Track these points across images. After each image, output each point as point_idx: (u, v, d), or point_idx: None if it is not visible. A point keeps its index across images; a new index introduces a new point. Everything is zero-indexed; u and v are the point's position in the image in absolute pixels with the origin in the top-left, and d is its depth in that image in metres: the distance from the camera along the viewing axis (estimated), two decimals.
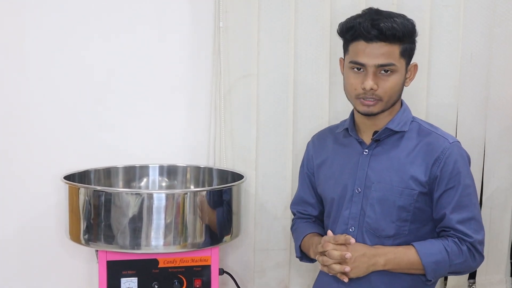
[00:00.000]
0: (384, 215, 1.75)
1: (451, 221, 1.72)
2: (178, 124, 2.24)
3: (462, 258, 1.72)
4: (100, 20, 2.16)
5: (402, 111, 1.82)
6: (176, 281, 1.87)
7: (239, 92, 2.18)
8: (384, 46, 1.68)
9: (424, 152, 1.75)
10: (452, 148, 1.74)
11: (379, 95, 1.71)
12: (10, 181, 2.14)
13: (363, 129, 1.83)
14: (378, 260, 1.71)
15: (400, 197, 1.74)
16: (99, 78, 2.18)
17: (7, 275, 2.17)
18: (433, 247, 1.71)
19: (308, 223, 1.99)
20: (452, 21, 2.25)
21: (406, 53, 1.74)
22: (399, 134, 1.79)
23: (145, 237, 1.79)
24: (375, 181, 1.77)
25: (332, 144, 1.92)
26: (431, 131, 1.80)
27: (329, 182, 1.88)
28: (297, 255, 1.95)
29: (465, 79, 2.28)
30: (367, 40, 1.68)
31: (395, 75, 1.72)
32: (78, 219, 1.85)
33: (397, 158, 1.77)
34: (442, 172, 1.72)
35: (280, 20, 2.17)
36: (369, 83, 1.69)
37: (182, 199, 1.82)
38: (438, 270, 1.72)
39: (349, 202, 1.81)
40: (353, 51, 1.73)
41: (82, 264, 2.20)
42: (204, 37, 2.20)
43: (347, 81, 1.77)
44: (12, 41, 2.10)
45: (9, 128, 2.13)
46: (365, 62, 1.70)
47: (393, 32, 1.67)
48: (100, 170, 2.17)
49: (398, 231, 1.75)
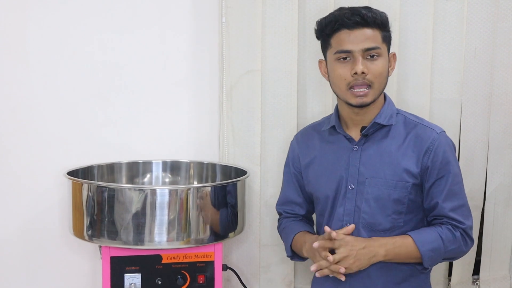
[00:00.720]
0: (380, 209, 1.77)
1: (443, 209, 1.76)
2: (181, 120, 2.24)
3: (456, 244, 1.76)
4: (103, 17, 2.15)
5: (387, 104, 1.84)
6: (179, 277, 1.87)
7: (242, 88, 2.18)
8: (366, 31, 1.72)
9: (414, 143, 1.78)
10: (440, 139, 1.78)
11: (370, 79, 1.72)
12: (13, 178, 2.14)
13: (351, 125, 1.84)
14: (379, 251, 1.72)
15: (394, 190, 1.76)
16: (103, 74, 2.17)
17: (11, 271, 2.17)
18: (428, 235, 1.74)
19: (296, 221, 1.98)
20: (456, 17, 2.24)
21: (386, 39, 1.77)
22: (387, 127, 1.81)
23: (149, 233, 1.79)
24: (368, 176, 1.78)
25: (318, 142, 1.92)
26: (417, 122, 1.82)
27: (320, 181, 1.88)
28: (288, 255, 1.95)
29: (468, 75, 2.28)
30: (350, 28, 1.72)
31: (381, 59, 1.74)
32: (81, 215, 1.85)
33: (388, 152, 1.79)
34: (432, 162, 1.76)
35: (283, 15, 2.16)
36: (359, 67, 1.71)
37: (186, 195, 1.81)
38: (434, 257, 1.75)
39: (343, 199, 1.82)
40: (336, 42, 1.75)
41: (86, 260, 2.20)
42: (207, 32, 2.20)
43: (334, 74, 1.77)
44: (15, 40, 2.10)
45: (12, 125, 2.13)
46: (351, 48, 1.72)
47: (373, 18, 1.72)
48: (104, 166, 2.17)
49: (394, 224, 1.78)
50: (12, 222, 2.15)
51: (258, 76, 2.17)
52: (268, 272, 2.26)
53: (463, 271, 2.36)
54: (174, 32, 2.21)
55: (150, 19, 2.19)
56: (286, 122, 2.20)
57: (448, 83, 2.27)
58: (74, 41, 2.14)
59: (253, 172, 2.17)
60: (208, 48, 2.21)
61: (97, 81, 2.17)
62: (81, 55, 2.15)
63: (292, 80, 2.19)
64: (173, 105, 2.23)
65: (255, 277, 2.25)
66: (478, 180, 2.32)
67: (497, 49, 2.27)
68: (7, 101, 2.12)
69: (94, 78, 2.17)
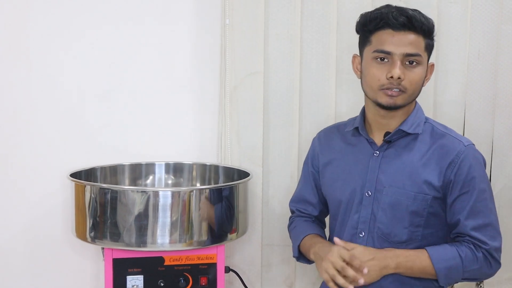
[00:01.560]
0: (397, 220, 1.69)
1: (465, 227, 1.66)
2: (184, 122, 2.24)
3: (477, 265, 1.66)
4: (107, 18, 2.16)
5: (416, 112, 1.75)
6: (181, 279, 1.87)
7: (245, 90, 2.18)
8: (411, 35, 1.63)
9: (438, 155, 1.69)
10: (467, 152, 1.68)
11: (404, 86, 1.64)
12: (17, 179, 2.15)
13: (375, 129, 1.76)
14: (389, 262, 1.64)
15: (413, 202, 1.67)
16: (106, 76, 2.18)
17: (14, 272, 2.18)
18: (446, 252, 1.66)
19: (308, 222, 1.92)
20: (460, 18, 2.24)
21: (429, 48, 1.69)
22: (412, 136, 1.72)
23: (151, 234, 1.79)
24: (386, 184, 1.70)
25: (339, 143, 1.85)
26: (445, 133, 1.73)
27: (336, 184, 1.82)
28: (295, 255, 1.89)
29: (472, 76, 2.27)
30: (395, 28, 1.63)
31: (420, 67, 1.66)
32: (84, 217, 1.86)
33: (409, 161, 1.70)
34: (456, 176, 1.66)
35: (286, 17, 2.16)
36: (396, 71, 1.62)
37: (188, 197, 1.81)
38: (450, 276, 1.66)
39: (359, 206, 1.74)
40: (377, 41, 1.66)
41: (88, 262, 2.20)
42: (210, 34, 2.20)
43: (368, 72, 1.68)
44: (17, 40, 2.11)
45: (15, 126, 2.13)
46: (392, 50, 1.63)
47: (421, 23, 1.64)
48: (106, 167, 2.17)
49: (410, 237, 1.69)
50: (15, 223, 2.16)
51: (260, 78, 2.17)
52: (269, 272, 2.26)
53: None
54: (177, 34, 2.21)
55: (153, 21, 2.19)
56: (288, 124, 2.20)
57: (452, 84, 2.27)
58: (77, 43, 2.15)
59: (256, 174, 2.17)
60: (210, 50, 2.21)
61: (100, 83, 2.18)
62: (84, 57, 2.16)
63: (295, 82, 2.18)
64: (176, 106, 2.23)
65: (257, 278, 2.25)
66: None
67: (501, 51, 2.26)
68: (10, 102, 2.12)
69: (97, 80, 2.17)
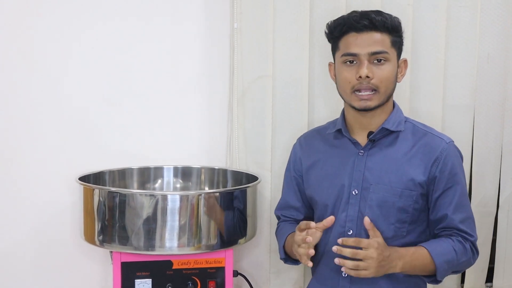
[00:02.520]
0: (383, 217, 1.74)
1: (453, 221, 1.73)
2: (192, 126, 2.24)
3: (467, 256, 1.74)
4: (115, 21, 2.17)
5: (396, 111, 1.81)
6: (190, 283, 1.87)
7: (253, 94, 2.18)
8: (375, 34, 1.70)
9: (422, 152, 1.75)
10: (449, 148, 1.75)
11: (375, 84, 1.70)
12: (25, 182, 2.15)
13: (356, 129, 1.82)
14: (397, 263, 1.67)
15: (399, 198, 1.73)
16: (114, 79, 2.18)
17: (23, 276, 2.18)
18: (442, 247, 1.71)
19: (292, 224, 1.93)
20: (469, 22, 2.23)
21: (396, 44, 1.75)
22: (395, 134, 1.79)
23: (159, 238, 1.79)
24: (373, 182, 1.75)
25: (322, 145, 1.90)
26: (426, 131, 1.80)
27: (322, 185, 1.85)
28: (281, 257, 1.91)
29: (482, 80, 2.26)
30: (358, 31, 1.70)
31: (388, 64, 1.72)
32: (92, 220, 1.86)
33: (394, 159, 1.76)
34: (440, 172, 1.73)
35: (294, 21, 2.16)
36: (364, 70, 1.69)
37: (197, 201, 1.81)
38: (447, 270, 1.72)
39: (346, 205, 1.78)
40: (344, 45, 1.74)
41: (97, 265, 2.20)
42: (219, 38, 2.20)
43: (340, 77, 1.76)
44: (24, 43, 2.11)
45: (24, 130, 2.14)
46: (357, 51, 1.70)
47: (383, 22, 1.70)
48: (115, 171, 2.18)
49: (396, 233, 1.74)
50: (24, 226, 2.16)
51: (269, 82, 2.17)
52: (278, 277, 2.25)
53: (476, 278, 2.34)
54: (186, 38, 2.21)
55: (162, 25, 2.19)
56: (296, 127, 2.19)
57: (461, 88, 2.26)
58: (84, 46, 2.15)
59: (264, 177, 2.16)
60: (219, 53, 2.21)
61: (108, 87, 2.18)
62: (92, 61, 2.16)
63: (303, 86, 2.18)
64: (184, 110, 2.23)
65: (265, 283, 2.24)
66: (491, 187, 2.30)
67: (511, 54, 2.25)
68: (18, 106, 2.13)
69: (105, 84, 2.18)
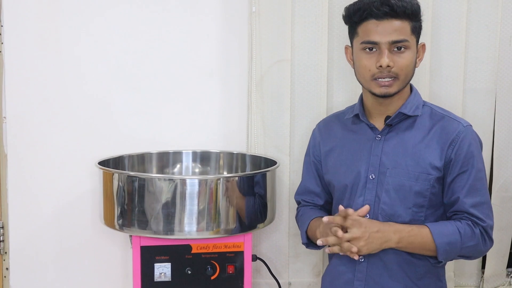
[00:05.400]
0: (400, 201, 1.73)
1: (464, 204, 1.71)
2: (211, 110, 2.24)
3: (474, 241, 1.70)
4: (133, 7, 2.17)
5: (413, 95, 1.80)
6: (209, 267, 1.88)
7: (272, 78, 2.17)
8: (395, 22, 1.67)
9: (439, 136, 1.73)
10: (466, 132, 1.73)
11: (395, 72, 1.69)
12: (46, 167, 2.17)
13: (374, 114, 1.81)
14: (392, 236, 1.68)
15: (416, 182, 1.72)
16: (133, 65, 2.19)
17: (44, 259, 2.21)
18: (446, 228, 1.69)
19: (313, 209, 1.95)
20: (490, 4, 2.20)
21: (416, 30, 1.72)
22: (412, 118, 1.77)
23: (178, 222, 1.79)
24: (390, 166, 1.74)
25: (340, 131, 1.89)
26: (444, 115, 1.78)
27: (340, 169, 1.84)
28: (303, 241, 1.91)
29: (503, 64, 2.23)
30: (378, 18, 1.67)
31: (408, 52, 1.70)
32: (112, 205, 1.87)
33: (411, 143, 1.74)
34: (456, 155, 1.71)
35: (313, 4, 2.14)
36: (385, 60, 1.66)
37: (215, 185, 1.81)
38: (450, 251, 1.70)
39: (363, 189, 1.77)
40: (363, 32, 1.71)
41: (117, 249, 2.22)
42: (237, 22, 2.20)
43: (359, 63, 1.74)
44: (46, 31, 2.12)
45: (45, 115, 2.16)
46: (378, 40, 1.68)
47: (403, 9, 1.66)
48: (134, 156, 2.19)
49: (414, 217, 1.73)
50: (45, 211, 2.19)
51: (287, 66, 2.16)
52: (297, 262, 2.26)
53: (497, 263, 2.33)
54: (204, 22, 2.20)
55: (180, 10, 2.19)
56: (315, 112, 2.19)
57: (482, 72, 2.23)
58: (104, 32, 2.16)
59: (283, 162, 2.16)
60: (237, 38, 2.20)
61: (128, 72, 2.19)
62: (112, 47, 2.17)
63: (322, 70, 2.17)
64: (203, 95, 2.23)
65: (284, 267, 2.25)
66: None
67: None
68: (39, 92, 2.15)
69: (125, 69, 2.18)
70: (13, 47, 2.12)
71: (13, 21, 2.10)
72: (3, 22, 2.10)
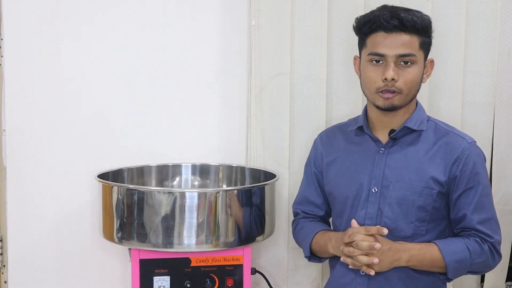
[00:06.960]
0: (403, 215, 1.73)
1: (471, 221, 1.71)
2: (210, 123, 2.25)
3: (483, 258, 1.71)
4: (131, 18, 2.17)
5: (418, 110, 1.80)
6: (208, 280, 1.87)
7: (271, 91, 2.17)
8: (404, 36, 1.67)
9: (443, 151, 1.74)
10: (471, 148, 1.74)
11: (399, 87, 1.69)
12: (45, 180, 2.17)
13: (378, 127, 1.81)
14: (402, 255, 1.68)
15: (419, 197, 1.72)
16: (132, 77, 2.19)
17: (42, 272, 2.19)
18: (455, 245, 1.70)
19: (315, 222, 1.94)
20: (489, 18, 2.21)
21: (424, 46, 1.72)
22: (416, 133, 1.77)
23: (178, 235, 1.79)
24: (393, 180, 1.74)
25: (343, 142, 1.89)
26: (448, 130, 1.78)
27: (341, 181, 1.84)
28: (306, 255, 1.90)
29: (502, 77, 2.24)
30: (387, 31, 1.68)
31: (415, 67, 1.70)
32: (111, 218, 1.87)
33: (415, 157, 1.74)
34: (461, 172, 1.71)
35: (313, 17, 2.15)
36: (390, 73, 1.67)
37: (215, 198, 1.81)
38: (459, 269, 1.70)
39: (365, 202, 1.77)
40: (371, 43, 1.71)
41: (116, 262, 2.21)
42: (236, 35, 2.20)
43: (365, 75, 1.74)
44: (47, 42, 2.13)
45: (44, 127, 2.15)
46: (385, 52, 1.68)
47: (413, 23, 1.67)
48: (133, 169, 2.19)
49: (416, 231, 1.73)
50: (43, 223, 2.17)
51: (287, 79, 2.16)
52: (296, 275, 2.25)
53: (496, 277, 2.32)
54: (203, 35, 2.21)
55: (179, 23, 2.19)
56: (314, 125, 2.19)
57: (481, 85, 2.24)
58: (103, 43, 2.16)
59: (282, 175, 2.16)
60: (237, 51, 2.21)
61: (126, 84, 2.19)
62: (111, 58, 2.17)
63: (321, 83, 2.17)
64: (202, 108, 2.24)
65: (283, 280, 2.24)
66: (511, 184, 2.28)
67: None
68: (40, 105, 2.14)
69: (123, 81, 2.19)
70: (13, 60, 2.12)
71: (13, 35, 2.10)
72: (3, 35, 2.10)
